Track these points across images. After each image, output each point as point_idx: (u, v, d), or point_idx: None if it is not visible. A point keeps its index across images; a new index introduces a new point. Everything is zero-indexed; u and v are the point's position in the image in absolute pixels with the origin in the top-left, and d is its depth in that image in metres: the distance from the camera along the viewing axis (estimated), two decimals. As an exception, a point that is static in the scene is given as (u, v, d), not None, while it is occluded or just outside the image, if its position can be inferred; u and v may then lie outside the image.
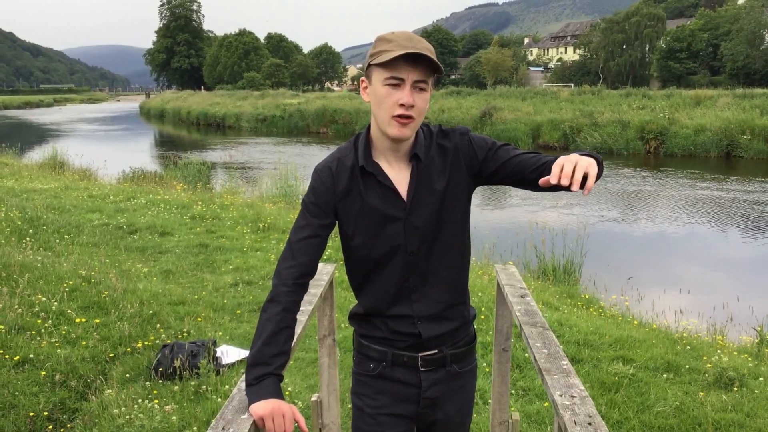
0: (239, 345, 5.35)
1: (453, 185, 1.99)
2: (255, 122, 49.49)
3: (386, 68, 1.83)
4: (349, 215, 1.97)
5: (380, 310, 2.03)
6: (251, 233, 9.76)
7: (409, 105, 1.83)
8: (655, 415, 4.30)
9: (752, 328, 6.66)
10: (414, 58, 1.81)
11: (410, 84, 1.84)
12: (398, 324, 2.02)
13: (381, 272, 1.99)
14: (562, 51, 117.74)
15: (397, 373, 2.07)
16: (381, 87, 1.86)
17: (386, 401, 2.09)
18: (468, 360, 2.17)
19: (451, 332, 2.08)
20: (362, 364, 2.13)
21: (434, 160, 1.99)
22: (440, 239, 1.99)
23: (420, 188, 1.96)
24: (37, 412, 4.07)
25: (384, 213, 1.95)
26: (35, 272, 6.17)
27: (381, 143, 1.97)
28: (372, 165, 1.96)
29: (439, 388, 2.10)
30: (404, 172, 1.98)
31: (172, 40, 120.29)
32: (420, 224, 1.96)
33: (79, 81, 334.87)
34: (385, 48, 1.84)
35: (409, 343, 2.03)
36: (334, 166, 1.98)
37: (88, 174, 17.59)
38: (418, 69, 1.83)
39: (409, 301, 2.00)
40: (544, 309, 6.59)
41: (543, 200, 17.64)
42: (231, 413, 1.90)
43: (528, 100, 39.60)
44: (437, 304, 2.02)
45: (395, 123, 1.86)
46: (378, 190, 1.96)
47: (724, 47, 67.35)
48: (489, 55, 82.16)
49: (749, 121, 26.93)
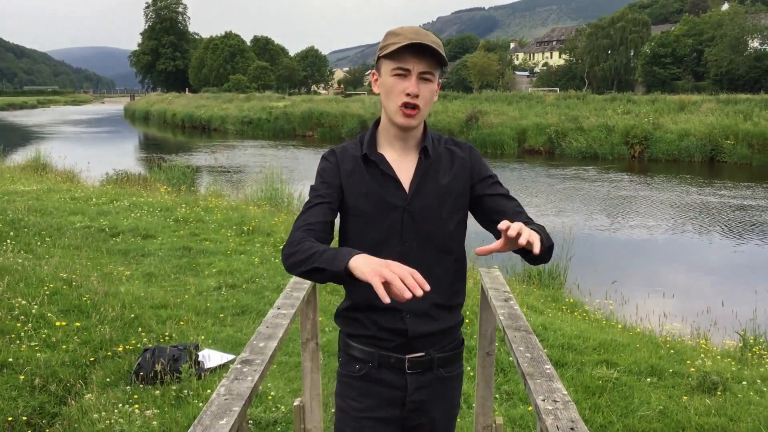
0: (221, 349, 5.31)
1: (456, 187, 2.05)
2: (241, 125, 49.34)
3: (393, 59, 1.92)
4: (352, 193, 2.01)
5: (370, 302, 1.98)
6: (235, 236, 9.70)
7: (415, 94, 1.91)
8: (639, 419, 4.30)
9: (736, 332, 6.69)
10: (419, 50, 1.89)
11: (416, 75, 1.91)
12: (386, 319, 2.01)
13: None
14: (547, 56, 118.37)
15: (383, 375, 2.06)
16: (389, 78, 1.95)
17: (371, 404, 2.08)
18: (455, 365, 2.17)
19: (439, 333, 2.07)
20: (348, 365, 2.12)
21: (441, 159, 2.07)
22: (436, 236, 2.02)
23: (424, 181, 2.02)
24: (15, 417, 4.01)
25: (384, 199, 2.00)
26: (15, 275, 6.09)
27: (390, 133, 2.05)
28: (375, 155, 2.03)
29: (425, 392, 2.08)
30: (410, 163, 2.04)
31: (158, 42, 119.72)
32: (418, 216, 2.00)
33: (63, 83, 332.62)
34: (393, 41, 1.92)
35: (397, 343, 2.03)
36: (339, 150, 2.09)
37: (71, 176, 17.43)
38: (423, 60, 1.91)
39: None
40: (528, 313, 6.59)
41: (528, 205, 17.69)
42: (209, 419, 1.87)
43: (514, 104, 39.80)
44: (426, 300, 1.99)
45: (401, 112, 1.94)
46: (380, 179, 2.02)
47: (708, 53, 67.90)
48: (475, 60, 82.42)
49: (733, 126, 27.17)
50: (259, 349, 2.42)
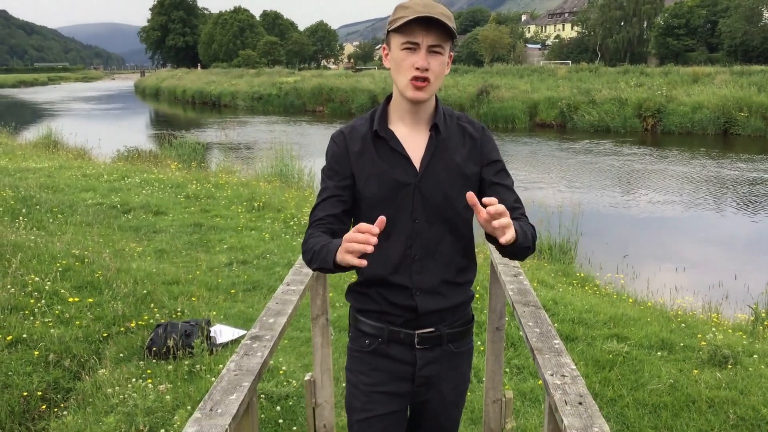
0: (233, 324, 5.35)
1: (467, 166, 2.03)
2: (251, 101, 49.24)
3: (402, 33, 1.90)
4: (362, 176, 2.02)
5: (381, 278, 2.02)
6: (246, 212, 9.73)
7: (424, 68, 1.89)
8: (649, 392, 4.31)
9: (747, 306, 6.67)
10: (428, 23, 1.87)
11: (425, 48, 1.90)
12: (396, 296, 2.02)
13: (386, 238, 2.00)
14: (559, 28, 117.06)
15: (393, 350, 2.07)
16: (398, 52, 1.93)
17: (381, 378, 2.09)
18: (465, 340, 2.18)
19: (448, 310, 2.08)
20: (358, 340, 2.14)
21: (453, 136, 2.05)
22: (445, 214, 2.02)
23: (435, 158, 2.01)
24: (30, 392, 4.06)
25: (394, 178, 1.99)
26: (28, 252, 6.14)
27: (401, 107, 2.03)
28: (386, 131, 2.03)
29: (434, 367, 2.10)
30: (421, 140, 2.03)
31: (167, 18, 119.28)
32: (429, 193, 1.99)
33: (73, 59, 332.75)
34: (401, 14, 1.89)
35: (406, 318, 2.04)
36: (347, 130, 2.08)
37: (83, 153, 17.50)
38: (432, 33, 1.89)
39: (409, 271, 2.02)
40: (539, 287, 6.59)
41: (539, 179, 17.63)
42: (219, 394, 1.89)
43: (525, 77, 39.47)
44: (435, 277, 2.03)
45: (411, 85, 1.93)
46: (390, 156, 2.01)
47: (722, 24, 66.96)
48: (486, 33, 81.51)
49: (747, 98, 26.87)
50: (268, 325, 2.44)
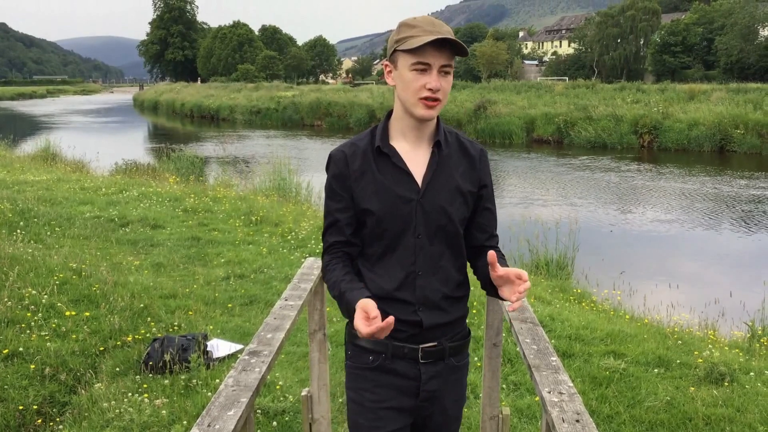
0: (230, 339, 5.34)
1: (466, 185, 2.07)
2: (249, 115, 49.35)
3: (413, 54, 1.89)
4: (364, 195, 2.02)
5: (387, 293, 2.03)
6: (244, 226, 9.73)
7: (436, 89, 1.90)
8: (646, 409, 4.31)
9: (744, 323, 6.68)
10: (440, 44, 1.87)
11: (437, 69, 1.90)
12: (400, 311, 2.02)
13: (392, 254, 2.03)
14: (556, 44, 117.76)
15: (397, 366, 2.07)
16: (408, 72, 1.92)
17: (387, 394, 2.09)
18: (464, 354, 2.19)
19: (449, 324, 2.09)
20: (359, 357, 2.12)
21: (453, 154, 2.08)
22: (445, 230, 2.04)
23: (437, 174, 2.03)
24: (26, 406, 4.05)
25: (397, 194, 2.00)
26: (25, 265, 6.13)
27: (404, 124, 2.04)
28: (388, 147, 2.03)
29: (437, 381, 2.10)
30: (423, 156, 2.05)
31: (166, 32, 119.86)
32: (430, 209, 2.01)
33: (72, 72, 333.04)
34: (410, 34, 1.89)
35: (410, 333, 2.04)
36: (347, 149, 2.07)
37: (81, 166, 17.50)
38: (443, 54, 1.90)
39: (413, 287, 2.03)
40: (536, 303, 6.60)
41: (536, 195, 17.67)
42: (217, 410, 1.89)
43: (522, 93, 39.61)
44: (437, 292, 2.05)
45: (422, 104, 1.93)
46: (392, 172, 2.02)
47: (718, 41, 67.36)
48: (484, 49, 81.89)
49: (743, 116, 26.98)
50: (266, 341, 2.44)
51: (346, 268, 2.04)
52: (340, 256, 2.06)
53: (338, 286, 1.97)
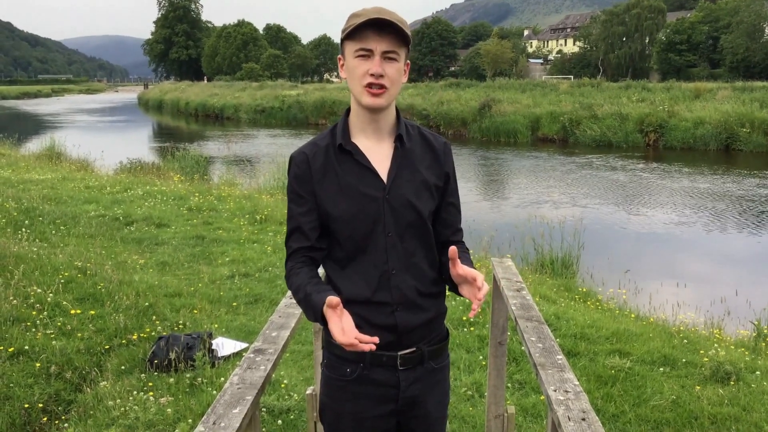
0: (235, 337, 5.34)
1: (431, 178, 2.03)
2: (254, 113, 49.37)
3: (355, 40, 1.87)
4: (328, 196, 1.98)
5: (363, 296, 1.98)
6: (248, 225, 9.74)
7: (379, 74, 1.86)
8: (652, 408, 4.30)
9: (750, 322, 6.66)
10: (380, 28, 1.84)
11: (379, 54, 1.86)
12: (377, 315, 1.98)
13: (363, 255, 1.99)
14: (561, 43, 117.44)
15: (376, 375, 2.04)
16: (352, 59, 1.89)
17: (367, 405, 2.06)
18: (443, 356, 2.16)
19: (427, 324, 2.06)
20: (338, 369, 2.08)
21: (416, 148, 2.04)
22: (413, 225, 2.00)
23: (402, 170, 1.98)
24: (32, 404, 4.06)
25: (362, 192, 1.95)
26: (31, 263, 6.15)
27: (361, 119, 1.99)
28: (350, 144, 1.98)
29: (417, 387, 2.08)
30: (386, 152, 2.00)
31: (171, 31, 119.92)
32: (398, 205, 1.97)
33: (77, 71, 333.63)
34: (354, 22, 1.85)
35: (387, 340, 1.99)
36: (309, 149, 2.02)
37: (86, 165, 17.54)
38: (385, 39, 1.85)
39: (388, 286, 1.98)
40: (541, 302, 6.58)
41: (541, 194, 17.64)
42: (222, 408, 1.89)
43: (527, 92, 39.51)
44: (412, 290, 2.01)
45: (366, 92, 1.89)
46: (355, 170, 1.97)
47: (723, 40, 67.17)
48: (488, 47, 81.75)
49: (748, 114, 26.91)
50: (271, 339, 2.44)
51: (312, 272, 1.99)
52: (305, 261, 2.02)
53: (303, 289, 1.92)
